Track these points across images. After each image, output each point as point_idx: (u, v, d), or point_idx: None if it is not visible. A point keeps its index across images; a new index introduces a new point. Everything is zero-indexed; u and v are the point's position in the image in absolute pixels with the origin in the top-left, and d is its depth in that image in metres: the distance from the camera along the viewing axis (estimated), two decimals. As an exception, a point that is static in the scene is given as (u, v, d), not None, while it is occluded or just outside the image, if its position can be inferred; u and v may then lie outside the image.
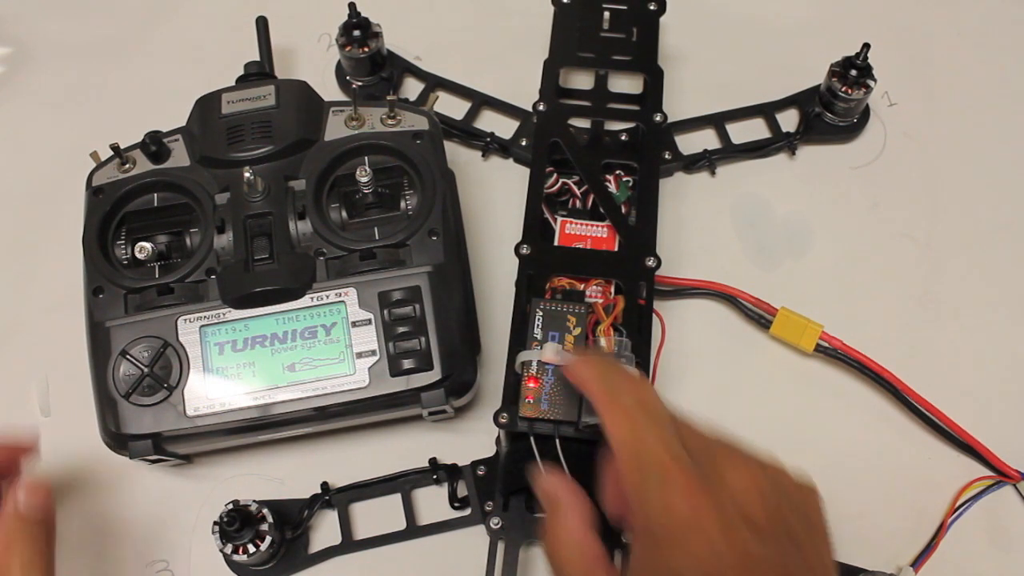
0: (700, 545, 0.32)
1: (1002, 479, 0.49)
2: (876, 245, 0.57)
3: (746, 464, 0.34)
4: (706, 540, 0.32)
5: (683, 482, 0.33)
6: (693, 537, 0.32)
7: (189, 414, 0.45)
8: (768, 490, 0.34)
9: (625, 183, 0.55)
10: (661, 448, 0.34)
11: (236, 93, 0.50)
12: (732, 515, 0.32)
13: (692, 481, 0.33)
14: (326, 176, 0.49)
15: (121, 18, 0.66)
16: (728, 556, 0.32)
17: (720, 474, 0.33)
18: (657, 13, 0.58)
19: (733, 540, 0.32)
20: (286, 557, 0.48)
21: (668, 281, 0.53)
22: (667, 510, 0.33)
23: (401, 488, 0.49)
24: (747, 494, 0.33)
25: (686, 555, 0.32)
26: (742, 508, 0.33)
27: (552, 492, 0.38)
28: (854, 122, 0.60)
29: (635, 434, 0.35)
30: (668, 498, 0.33)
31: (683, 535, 0.32)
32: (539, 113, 0.55)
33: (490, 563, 0.46)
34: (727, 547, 0.32)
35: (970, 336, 0.54)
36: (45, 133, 0.62)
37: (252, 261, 0.46)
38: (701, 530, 0.32)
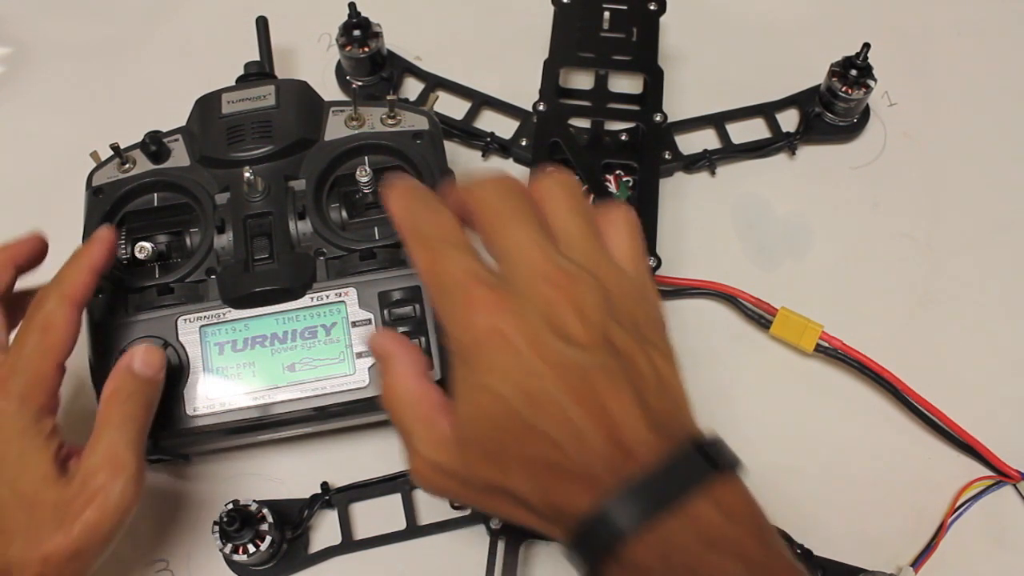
0: (506, 358, 0.31)
1: (1002, 479, 0.49)
2: (876, 245, 0.57)
3: (564, 278, 0.33)
4: (512, 353, 0.31)
5: (485, 299, 0.32)
6: (498, 352, 0.32)
7: (189, 414, 0.45)
8: (588, 304, 0.32)
9: (625, 183, 0.55)
10: (460, 271, 0.33)
11: (236, 93, 0.50)
12: (540, 328, 0.32)
13: (496, 298, 0.32)
14: (326, 176, 0.49)
15: (121, 18, 0.66)
16: (538, 365, 0.31)
17: (534, 291, 0.32)
18: (657, 13, 0.58)
19: (544, 351, 0.31)
20: (286, 557, 0.48)
21: (668, 281, 0.53)
22: (469, 328, 0.32)
23: (401, 488, 0.49)
24: (560, 308, 0.32)
25: (494, 370, 0.32)
26: (554, 322, 0.32)
27: (382, 348, 0.37)
28: (854, 122, 0.60)
29: (435, 262, 0.34)
30: (470, 316, 0.32)
31: (489, 351, 0.32)
32: (539, 113, 0.55)
33: (490, 563, 0.46)
34: (536, 358, 0.31)
35: (970, 336, 0.54)
36: (45, 133, 0.62)
37: (252, 261, 0.46)
38: (507, 344, 0.31)
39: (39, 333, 0.40)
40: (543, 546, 0.48)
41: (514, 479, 0.32)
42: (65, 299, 0.40)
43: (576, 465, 0.31)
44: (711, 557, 0.30)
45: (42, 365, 0.39)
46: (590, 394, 0.31)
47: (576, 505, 0.31)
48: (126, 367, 0.41)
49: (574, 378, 0.31)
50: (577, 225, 0.35)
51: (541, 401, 0.31)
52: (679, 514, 0.30)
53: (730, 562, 0.30)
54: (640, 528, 0.30)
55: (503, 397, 0.32)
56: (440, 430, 0.34)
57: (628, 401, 0.32)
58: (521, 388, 0.31)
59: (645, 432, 0.31)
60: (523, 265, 0.33)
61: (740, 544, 0.30)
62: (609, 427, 0.31)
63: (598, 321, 0.32)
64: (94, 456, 0.38)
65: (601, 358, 0.32)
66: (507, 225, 0.34)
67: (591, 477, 0.31)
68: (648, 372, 0.33)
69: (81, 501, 0.37)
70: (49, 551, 0.37)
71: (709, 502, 0.30)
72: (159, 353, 0.42)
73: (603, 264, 0.34)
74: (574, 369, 0.31)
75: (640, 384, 0.32)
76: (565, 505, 0.31)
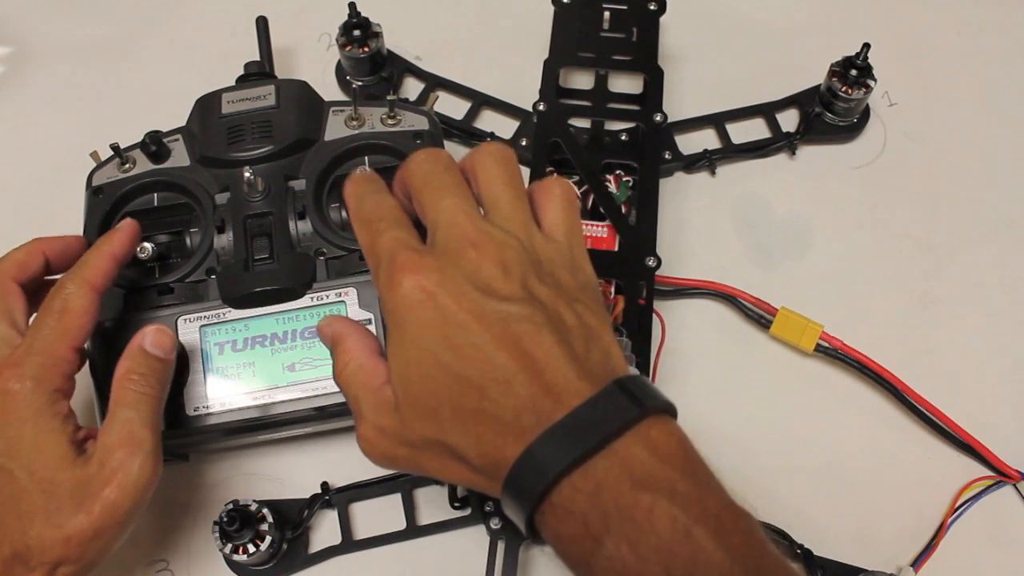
0: (431, 313, 0.33)
1: (1002, 479, 0.49)
2: (876, 245, 0.57)
3: (489, 243, 0.34)
4: (436, 308, 0.33)
5: (410, 261, 0.34)
6: (423, 309, 0.33)
7: (189, 414, 0.45)
8: (513, 263, 0.34)
9: (625, 183, 0.55)
10: (391, 241, 0.35)
11: (236, 93, 0.50)
12: (463, 284, 0.33)
13: (421, 261, 0.34)
14: (326, 176, 0.49)
15: (121, 18, 0.66)
16: (462, 317, 0.32)
17: (458, 253, 0.34)
18: (657, 13, 0.58)
19: (467, 304, 0.33)
20: (286, 557, 0.48)
21: (668, 281, 0.53)
22: (396, 289, 0.33)
23: (401, 488, 0.49)
24: (485, 269, 0.33)
25: (420, 326, 0.33)
26: (477, 280, 0.33)
27: (332, 330, 0.39)
28: (854, 122, 0.60)
29: (372, 239, 0.36)
30: (396, 279, 0.33)
31: (414, 309, 0.33)
32: (539, 113, 0.55)
33: (490, 563, 0.46)
34: (460, 310, 0.33)
35: (970, 336, 0.54)
36: (45, 133, 0.62)
37: (252, 261, 0.46)
38: (431, 300, 0.33)
39: (56, 316, 0.40)
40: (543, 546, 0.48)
41: (449, 432, 0.33)
42: (85, 283, 0.41)
43: (505, 412, 0.32)
44: (641, 495, 0.30)
45: (58, 347, 0.39)
46: (514, 341, 0.32)
47: (508, 454, 0.32)
48: (139, 347, 0.41)
49: (498, 328, 0.32)
50: (507, 195, 0.37)
51: (466, 351, 0.32)
52: (606, 454, 0.31)
53: (661, 500, 0.30)
54: (568, 468, 0.30)
55: (430, 351, 0.33)
56: (384, 396, 0.35)
57: (552, 347, 0.32)
58: (447, 340, 0.33)
59: (572, 377, 0.32)
60: (449, 231, 0.35)
61: (670, 482, 0.30)
62: (534, 372, 0.32)
63: (520, 275, 0.34)
64: (110, 435, 0.38)
65: (524, 309, 0.33)
66: (434, 195, 0.36)
67: (520, 424, 0.32)
68: (573, 323, 0.34)
69: (100, 480, 0.37)
70: (71, 532, 0.37)
71: (637, 441, 0.31)
72: (170, 334, 0.42)
73: (530, 231, 0.36)
74: (497, 319, 0.33)
75: (565, 333, 0.33)
76: (497, 454, 0.32)
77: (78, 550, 0.37)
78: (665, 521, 0.30)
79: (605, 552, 0.30)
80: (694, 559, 0.29)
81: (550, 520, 0.31)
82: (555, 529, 0.32)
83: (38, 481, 0.37)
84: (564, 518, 0.31)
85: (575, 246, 0.37)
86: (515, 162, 0.38)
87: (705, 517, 0.30)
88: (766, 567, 0.30)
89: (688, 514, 0.30)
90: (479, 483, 0.34)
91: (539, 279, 0.34)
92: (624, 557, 0.30)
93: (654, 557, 0.29)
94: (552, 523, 0.31)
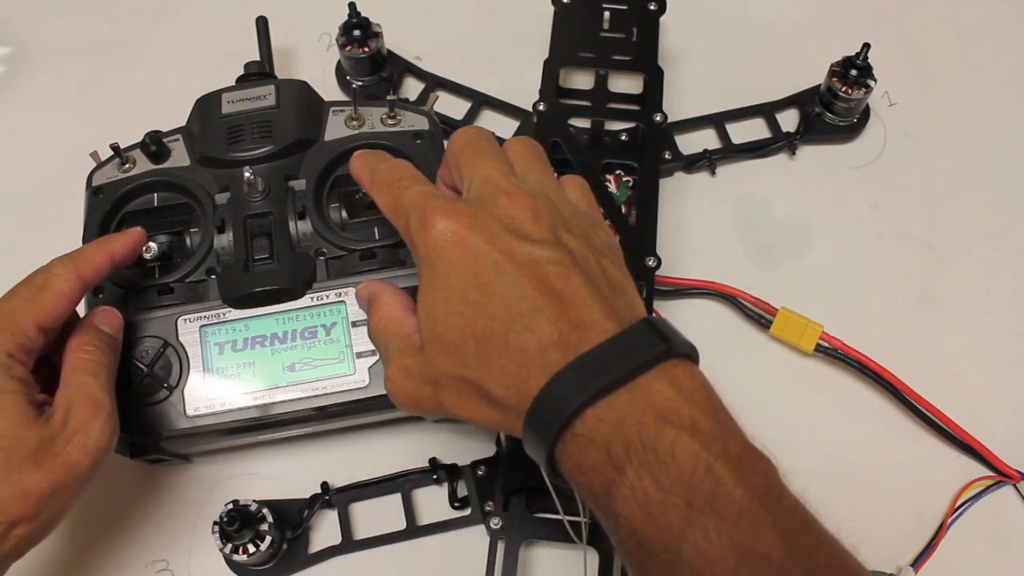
0: (462, 253, 0.34)
1: (1002, 479, 0.49)
2: (876, 245, 0.57)
3: (521, 194, 0.35)
4: (467, 249, 0.34)
5: (442, 208, 0.35)
6: (454, 249, 0.34)
7: (189, 414, 0.45)
8: (543, 212, 0.35)
9: (625, 183, 0.55)
10: (418, 195, 0.36)
11: (236, 93, 0.50)
12: (495, 227, 0.34)
13: (453, 207, 0.35)
14: (326, 176, 0.49)
15: (121, 18, 0.66)
16: (493, 255, 0.33)
17: (492, 201, 0.35)
18: (657, 13, 0.58)
19: (498, 244, 0.34)
20: (286, 557, 0.48)
21: (668, 281, 0.53)
22: (429, 232, 0.35)
23: (401, 488, 0.49)
24: (517, 215, 0.35)
25: (451, 265, 0.34)
26: (509, 224, 0.34)
27: (368, 292, 0.40)
28: (854, 122, 0.60)
29: (396, 197, 0.37)
30: (428, 224, 0.35)
31: (446, 250, 0.34)
32: (539, 113, 0.55)
33: (490, 563, 0.46)
34: (491, 249, 0.33)
35: (970, 336, 0.54)
36: (45, 133, 0.62)
37: (252, 261, 0.46)
38: (462, 242, 0.34)
39: (33, 288, 0.40)
40: (543, 547, 0.48)
41: (472, 367, 0.34)
42: (73, 270, 0.41)
43: (531, 345, 0.33)
44: (664, 429, 0.30)
45: (23, 318, 0.39)
46: (543, 279, 0.33)
47: (532, 384, 0.32)
48: (90, 323, 0.42)
49: (527, 266, 0.33)
50: (537, 167, 0.38)
51: (495, 287, 0.33)
52: (631, 387, 0.31)
53: (684, 435, 0.30)
54: (592, 398, 0.31)
55: (458, 289, 0.34)
56: (411, 341, 0.37)
57: (581, 286, 0.33)
58: (476, 278, 0.33)
59: (599, 315, 0.33)
60: (484, 184, 0.36)
61: (693, 419, 0.31)
62: (562, 308, 0.33)
63: (550, 223, 0.35)
64: (69, 397, 0.39)
65: (554, 252, 0.34)
66: (475, 157, 0.37)
67: (546, 357, 0.32)
68: (598, 271, 0.35)
69: (63, 439, 0.37)
70: (30, 488, 0.36)
71: (662, 378, 0.31)
72: (118, 315, 0.43)
73: (559, 195, 0.38)
74: (527, 259, 0.33)
75: (593, 277, 0.34)
76: (522, 386, 0.33)
77: (35, 507, 0.37)
78: (687, 455, 0.30)
79: (627, 481, 0.30)
80: (714, 493, 0.29)
81: (572, 450, 0.32)
82: (576, 459, 0.32)
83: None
84: (586, 447, 0.31)
85: (597, 217, 0.39)
86: (544, 153, 0.40)
87: (726, 455, 0.30)
88: (785, 508, 0.30)
89: (709, 451, 0.30)
90: (500, 420, 0.34)
91: (567, 230, 0.35)
92: (646, 487, 0.30)
93: (675, 488, 0.30)
94: (574, 453, 0.32)
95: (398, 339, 0.37)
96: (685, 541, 0.29)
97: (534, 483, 0.43)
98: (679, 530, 0.29)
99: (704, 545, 0.29)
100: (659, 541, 0.30)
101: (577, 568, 0.45)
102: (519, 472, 0.46)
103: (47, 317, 0.39)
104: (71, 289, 0.40)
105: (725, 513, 0.29)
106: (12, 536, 0.37)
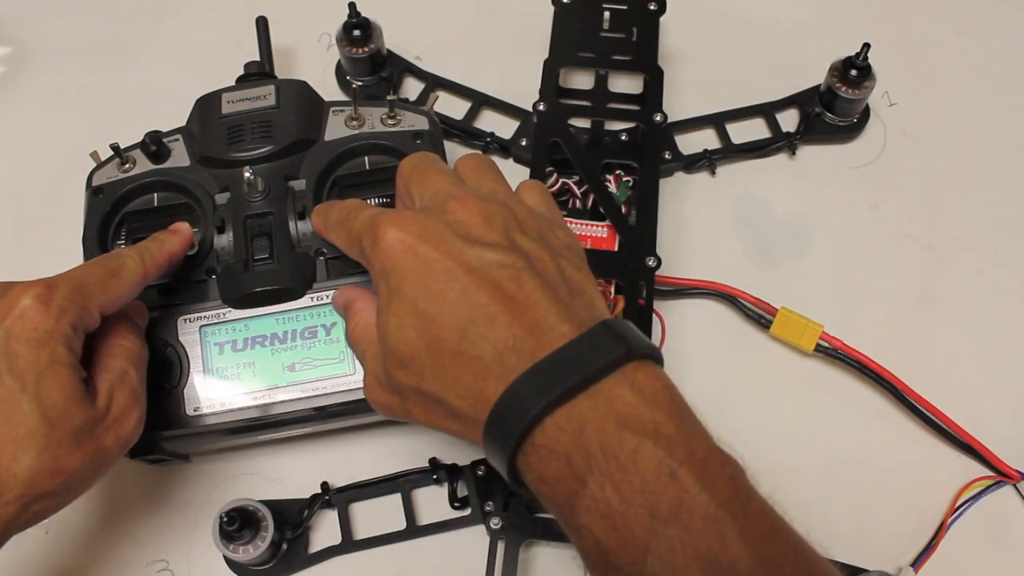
0: (413, 263, 0.33)
1: (1002, 479, 0.49)
2: (876, 245, 0.57)
3: (471, 199, 0.35)
4: (415, 256, 0.33)
5: (391, 219, 0.34)
6: (405, 259, 0.33)
7: (189, 414, 0.45)
8: (495, 215, 0.35)
9: (625, 183, 0.55)
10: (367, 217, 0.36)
11: (236, 93, 0.50)
12: (445, 233, 0.34)
13: (401, 217, 0.35)
14: (326, 176, 0.49)
15: (121, 18, 0.66)
16: (444, 263, 0.33)
17: (440, 209, 0.35)
18: (657, 13, 0.58)
19: (446, 249, 0.33)
20: (286, 557, 0.48)
21: (668, 281, 0.53)
22: (380, 244, 0.34)
23: (401, 488, 0.49)
24: (467, 219, 0.34)
25: (401, 275, 0.33)
26: (459, 229, 0.34)
27: (344, 299, 0.40)
28: (854, 122, 0.60)
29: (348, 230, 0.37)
30: (379, 236, 0.34)
31: (396, 260, 0.34)
32: (539, 113, 0.55)
33: (490, 563, 0.46)
34: (439, 255, 0.33)
35: (970, 336, 0.54)
36: (45, 133, 0.62)
37: (252, 261, 0.46)
38: (413, 251, 0.33)
39: (107, 272, 0.40)
40: (543, 546, 0.48)
41: (428, 379, 0.33)
42: (141, 264, 0.41)
43: (485, 352, 0.32)
44: (626, 436, 0.30)
45: (93, 296, 0.38)
46: (495, 283, 0.32)
47: (489, 394, 0.32)
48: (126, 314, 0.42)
49: (479, 271, 0.33)
50: (489, 179, 0.38)
51: (446, 295, 0.33)
52: (591, 393, 0.30)
53: (646, 441, 0.30)
54: (550, 406, 0.30)
55: (409, 300, 0.33)
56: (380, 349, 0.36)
57: (535, 290, 0.33)
58: (426, 287, 0.33)
59: (556, 319, 0.32)
60: (436, 195, 0.36)
61: (655, 424, 0.30)
62: (516, 312, 0.32)
63: (502, 226, 0.34)
64: (111, 382, 0.39)
65: (506, 256, 0.33)
66: (424, 174, 0.37)
67: (502, 363, 0.31)
68: (555, 273, 0.34)
69: (103, 425, 0.38)
70: (63, 466, 0.36)
71: (623, 382, 0.31)
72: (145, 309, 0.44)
73: (512, 199, 0.37)
74: (478, 263, 0.33)
75: (548, 279, 0.34)
76: (478, 396, 0.32)
77: (62, 485, 0.37)
78: (650, 462, 0.29)
79: (588, 492, 0.30)
80: (679, 501, 0.29)
81: (533, 461, 0.31)
82: (538, 470, 0.31)
83: (44, 410, 0.36)
84: (547, 458, 0.31)
85: (556, 219, 0.38)
86: (495, 165, 0.39)
87: (691, 460, 0.29)
88: (752, 513, 0.30)
89: (673, 456, 0.29)
90: (460, 430, 0.34)
91: (522, 232, 0.35)
92: (608, 497, 0.29)
93: (638, 498, 0.29)
94: (535, 464, 0.31)
95: (370, 346, 0.37)
96: (649, 553, 0.29)
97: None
98: (643, 541, 0.29)
99: (669, 557, 0.29)
100: (623, 554, 0.29)
101: (577, 568, 0.45)
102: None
103: (112, 303, 0.40)
104: (136, 283, 0.41)
105: (689, 522, 0.29)
106: (31, 510, 0.36)
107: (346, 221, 0.38)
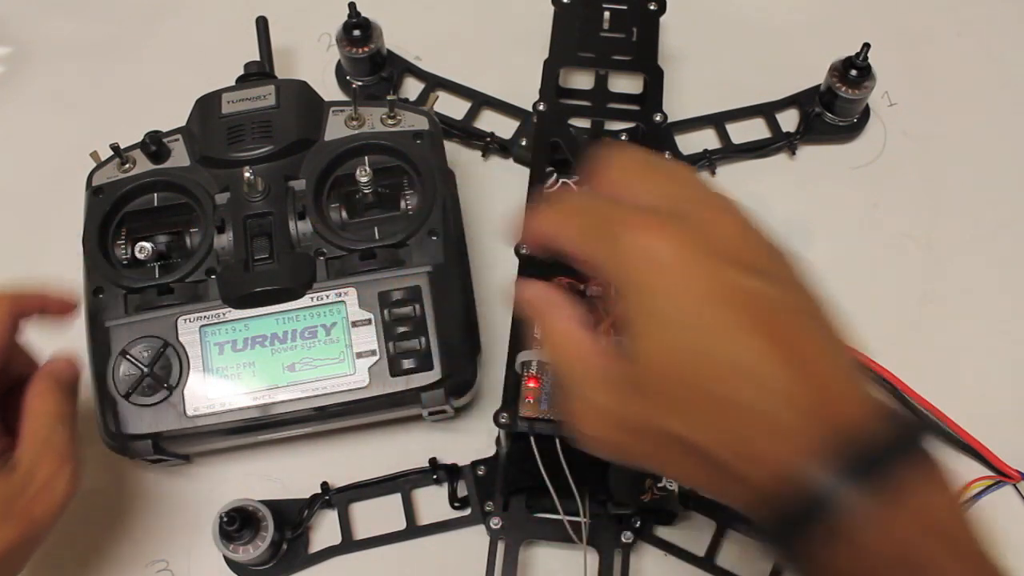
0: (676, 281, 0.29)
1: (1002, 479, 0.49)
2: (876, 245, 0.57)
3: (730, 214, 0.31)
4: (688, 276, 0.29)
5: (657, 226, 0.29)
6: (675, 275, 0.29)
7: (189, 414, 0.45)
8: (753, 239, 0.31)
9: (625, 183, 0.55)
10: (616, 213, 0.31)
11: (236, 93, 0.50)
12: (714, 253, 0.29)
13: (667, 225, 0.30)
14: (326, 176, 0.49)
15: (121, 18, 0.66)
16: (715, 287, 0.29)
17: (701, 219, 0.30)
18: (657, 13, 0.58)
19: (719, 275, 0.29)
20: (286, 557, 0.48)
21: (668, 281, 0.53)
22: (643, 251, 0.29)
23: (401, 488, 0.49)
24: (732, 239, 0.30)
25: (671, 295, 0.29)
26: (725, 250, 0.29)
27: (537, 298, 0.34)
28: (854, 122, 0.60)
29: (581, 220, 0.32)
30: (641, 241, 0.29)
31: (666, 274, 0.29)
32: (539, 113, 0.55)
33: (490, 563, 0.46)
34: (713, 281, 0.29)
35: (970, 336, 0.54)
36: (45, 133, 0.62)
37: (252, 261, 0.46)
38: (683, 267, 0.29)
39: None
40: (543, 546, 0.48)
41: (697, 424, 0.29)
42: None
43: (770, 407, 0.27)
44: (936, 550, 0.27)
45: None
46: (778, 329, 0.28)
47: (770, 460, 0.27)
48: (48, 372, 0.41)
49: (747, 302, 0.28)
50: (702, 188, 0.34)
51: (724, 331, 0.28)
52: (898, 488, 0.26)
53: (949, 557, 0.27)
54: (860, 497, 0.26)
55: (683, 325, 0.29)
56: (610, 372, 0.31)
57: (821, 343, 0.29)
58: (700, 317, 0.28)
59: (844, 382, 0.28)
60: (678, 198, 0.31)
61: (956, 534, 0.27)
62: (802, 366, 0.28)
63: (759, 251, 0.30)
64: (33, 449, 0.38)
65: (771, 284, 0.29)
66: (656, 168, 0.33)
67: (789, 426, 0.27)
68: (805, 304, 0.30)
69: (28, 496, 0.37)
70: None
71: (932, 483, 0.27)
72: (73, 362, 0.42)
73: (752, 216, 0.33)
74: (747, 292, 0.29)
75: (827, 329, 0.30)
76: (756, 457, 0.28)
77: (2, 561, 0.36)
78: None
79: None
80: None
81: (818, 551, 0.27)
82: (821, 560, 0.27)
83: None
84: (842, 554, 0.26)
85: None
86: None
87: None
88: None
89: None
90: (715, 485, 0.30)
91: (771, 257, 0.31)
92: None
93: None
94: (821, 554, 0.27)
95: (586, 364, 0.31)
96: None
97: (534, 483, 0.43)
98: None
99: None
100: None
101: (577, 568, 0.45)
102: (519, 472, 0.46)
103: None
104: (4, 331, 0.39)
105: None
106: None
107: (584, 212, 0.32)
